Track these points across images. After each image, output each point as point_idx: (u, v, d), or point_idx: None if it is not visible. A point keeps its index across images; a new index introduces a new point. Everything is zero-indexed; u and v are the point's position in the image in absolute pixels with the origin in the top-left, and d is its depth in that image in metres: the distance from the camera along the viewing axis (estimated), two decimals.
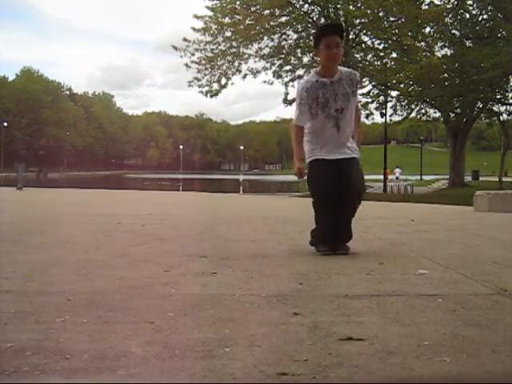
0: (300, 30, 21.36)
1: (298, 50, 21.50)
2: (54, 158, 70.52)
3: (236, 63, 21.21)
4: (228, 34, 20.40)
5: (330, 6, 19.68)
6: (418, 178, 47.34)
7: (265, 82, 22.21)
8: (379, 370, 1.52)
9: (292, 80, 21.84)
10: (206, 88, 21.37)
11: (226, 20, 20.08)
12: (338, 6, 19.42)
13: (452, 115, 26.20)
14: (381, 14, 19.35)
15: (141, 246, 4.00)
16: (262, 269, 3.06)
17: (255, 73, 21.62)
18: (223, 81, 21.33)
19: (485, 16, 22.24)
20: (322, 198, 3.74)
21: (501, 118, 27.31)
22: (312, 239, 3.87)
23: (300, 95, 3.69)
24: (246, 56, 21.13)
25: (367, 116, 22.98)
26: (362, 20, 19.21)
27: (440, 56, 21.59)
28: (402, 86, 20.67)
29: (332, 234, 3.74)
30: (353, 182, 3.67)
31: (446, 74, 21.61)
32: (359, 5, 19.10)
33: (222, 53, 20.74)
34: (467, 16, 22.33)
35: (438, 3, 20.69)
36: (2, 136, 63.29)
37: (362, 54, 21.68)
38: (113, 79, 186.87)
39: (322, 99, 3.62)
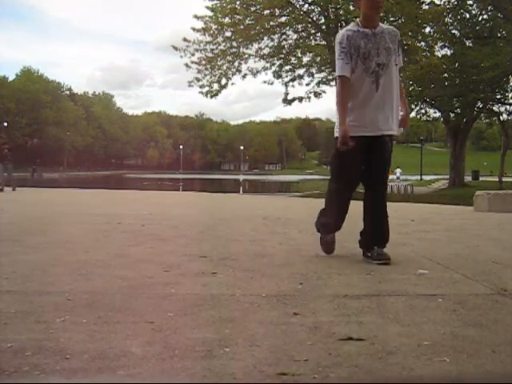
0: (300, 30, 21.37)
1: (298, 50, 21.50)
2: (53, 158, 70.56)
3: (236, 63, 21.22)
4: (228, 34, 20.41)
5: (330, 5, 19.68)
6: (418, 178, 47.33)
7: (265, 82, 22.23)
8: (379, 370, 1.52)
9: (292, 80, 21.86)
10: (207, 88, 21.39)
11: (226, 20, 20.07)
12: (338, 6, 19.41)
13: (452, 115, 26.21)
14: (381, 14, 19.35)
15: (141, 245, 4.00)
16: (262, 269, 3.07)
17: (255, 73, 21.64)
18: (223, 81, 21.34)
19: (485, 16, 22.24)
20: (345, 187, 3.51)
21: (501, 118, 27.36)
22: (318, 221, 3.70)
23: (341, 43, 3.31)
24: (246, 56, 21.14)
25: None
26: None
27: (440, 56, 21.59)
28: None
29: (338, 225, 3.61)
30: (382, 173, 3.47)
31: (446, 74, 21.62)
32: None
33: (222, 53, 20.74)
34: (467, 16, 22.33)
35: (438, 3, 20.68)
36: (3, 136, 63.27)
37: None
38: (113, 79, 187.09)
39: (364, 49, 3.28)
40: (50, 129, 74.43)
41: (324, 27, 20.71)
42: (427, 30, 20.89)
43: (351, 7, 18.81)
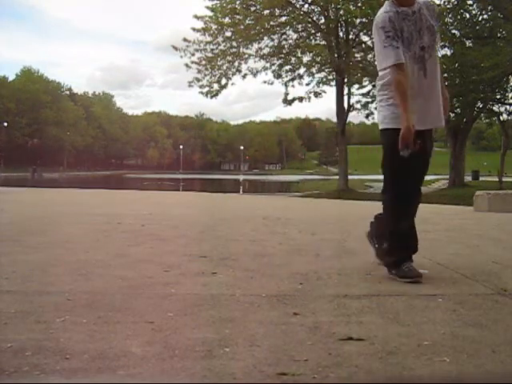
0: (300, 30, 21.39)
1: (298, 50, 21.51)
2: (53, 158, 70.56)
3: (236, 63, 21.24)
4: (228, 34, 20.43)
5: (330, 6, 19.69)
6: None
7: (265, 82, 22.25)
8: (379, 370, 1.52)
9: (292, 80, 21.87)
10: (207, 88, 21.42)
11: (226, 20, 20.09)
12: (339, 6, 19.42)
13: (452, 115, 26.20)
14: None
15: (141, 245, 4.00)
16: (262, 269, 3.07)
17: (255, 73, 21.65)
18: (223, 81, 21.38)
19: (485, 16, 22.24)
20: (406, 186, 2.89)
21: (501, 118, 27.36)
22: (386, 255, 2.98)
23: (384, 27, 2.81)
24: (246, 56, 21.16)
25: (367, 116, 23.11)
26: (363, 20, 19.21)
27: (440, 56, 21.57)
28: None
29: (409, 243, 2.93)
30: (423, 172, 3.01)
31: (445, 74, 21.59)
32: (359, 4, 19.10)
33: (222, 53, 20.76)
34: (467, 16, 22.32)
35: (438, 3, 20.68)
36: (3, 136, 63.30)
37: (362, 54, 21.65)
38: (113, 79, 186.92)
39: (407, 33, 2.82)
40: (50, 129, 74.41)
41: (324, 27, 20.72)
42: None
43: (351, 7, 18.82)
